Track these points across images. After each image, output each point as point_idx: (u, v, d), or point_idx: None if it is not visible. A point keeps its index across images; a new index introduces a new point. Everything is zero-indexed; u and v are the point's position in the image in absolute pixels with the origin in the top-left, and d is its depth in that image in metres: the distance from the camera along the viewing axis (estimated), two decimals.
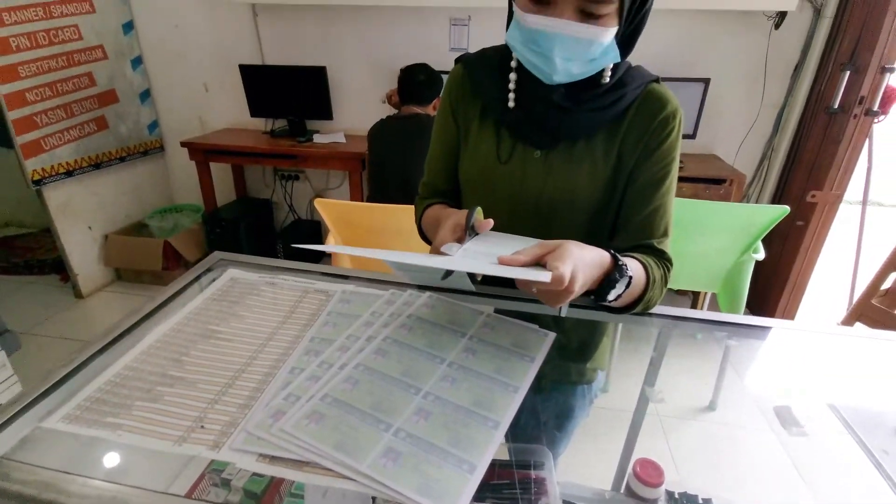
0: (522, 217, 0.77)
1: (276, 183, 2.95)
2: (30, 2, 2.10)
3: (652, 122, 0.71)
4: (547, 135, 0.73)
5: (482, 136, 0.78)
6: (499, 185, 0.77)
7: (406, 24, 2.43)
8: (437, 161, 0.85)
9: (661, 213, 0.73)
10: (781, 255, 2.37)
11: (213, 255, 0.82)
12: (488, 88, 0.75)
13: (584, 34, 0.60)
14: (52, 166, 2.27)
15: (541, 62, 0.64)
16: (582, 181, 0.74)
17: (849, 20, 2.04)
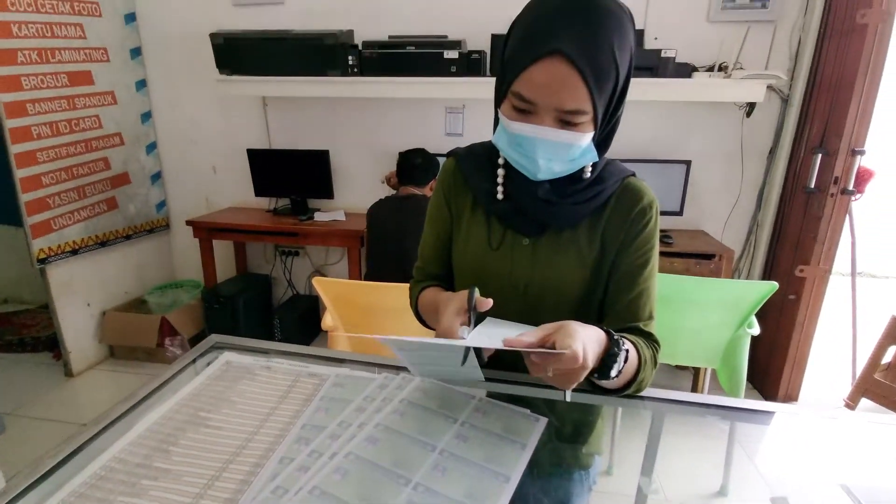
0: (512, 301, 0.80)
1: (277, 259, 3.00)
2: (55, 94, 2.26)
3: (630, 213, 0.77)
4: (534, 224, 0.78)
5: (474, 225, 0.83)
6: (490, 271, 0.81)
7: (404, 112, 2.61)
8: (431, 247, 0.90)
9: (646, 297, 0.77)
10: (778, 329, 2.37)
11: (210, 338, 0.83)
12: (478, 181, 0.81)
13: (564, 139, 0.66)
14: (58, 245, 2.33)
15: (526, 162, 0.70)
16: (568, 268, 0.78)
17: (815, 108, 2.20)
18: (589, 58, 0.61)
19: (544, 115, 0.66)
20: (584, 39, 0.61)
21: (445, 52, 2.19)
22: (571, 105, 0.64)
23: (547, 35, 0.62)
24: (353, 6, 2.48)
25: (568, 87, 0.62)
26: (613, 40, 0.62)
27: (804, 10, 2.20)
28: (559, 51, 0.61)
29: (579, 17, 0.61)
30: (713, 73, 2.15)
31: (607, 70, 0.63)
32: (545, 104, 0.65)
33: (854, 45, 1.98)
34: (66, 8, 2.29)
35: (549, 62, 0.62)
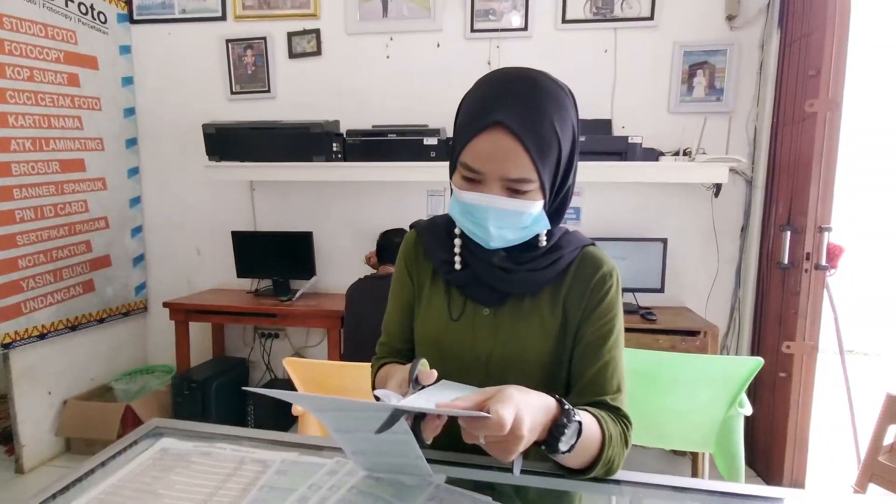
0: (474, 374, 0.77)
1: (256, 341, 2.92)
2: (45, 180, 2.32)
3: (590, 281, 0.76)
4: (494, 293, 0.77)
5: (434, 296, 0.82)
6: (451, 343, 0.79)
7: (387, 195, 2.69)
8: (395, 321, 0.88)
9: (612, 368, 0.74)
10: (774, 410, 2.28)
11: (150, 422, 0.77)
12: (437, 252, 0.81)
13: (513, 206, 0.68)
14: (26, 329, 2.25)
15: (478, 230, 0.71)
16: (531, 338, 0.76)
17: (778, 188, 2.31)
18: (529, 129, 0.64)
19: (492, 184, 0.68)
20: (524, 113, 0.64)
21: (425, 138, 2.31)
22: (516, 174, 0.66)
23: (490, 109, 0.65)
24: (341, 99, 2.65)
25: (511, 156, 0.65)
26: (553, 115, 0.66)
27: (756, 102, 2.39)
28: (501, 122, 0.64)
29: (520, 94, 0.66)
30: (678, 157, 2.28)
31: (549, 141, 0.66)
32: (491, 173, 0.67)
33: (806, 131, 2.12)
34: (68, 102, 2.43)
35: (492, 133, 0.65)
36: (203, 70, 2.76)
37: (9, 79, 2.13)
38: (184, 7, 2.73)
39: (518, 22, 2.50)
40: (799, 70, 2.18)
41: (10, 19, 2.12)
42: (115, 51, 2.68)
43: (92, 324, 2.59)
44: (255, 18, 2.69)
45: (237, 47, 2.71)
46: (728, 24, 2.37)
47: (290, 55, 2.69)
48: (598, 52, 2.47)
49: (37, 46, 2.25)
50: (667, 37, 2.42)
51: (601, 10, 2.45)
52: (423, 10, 2.57)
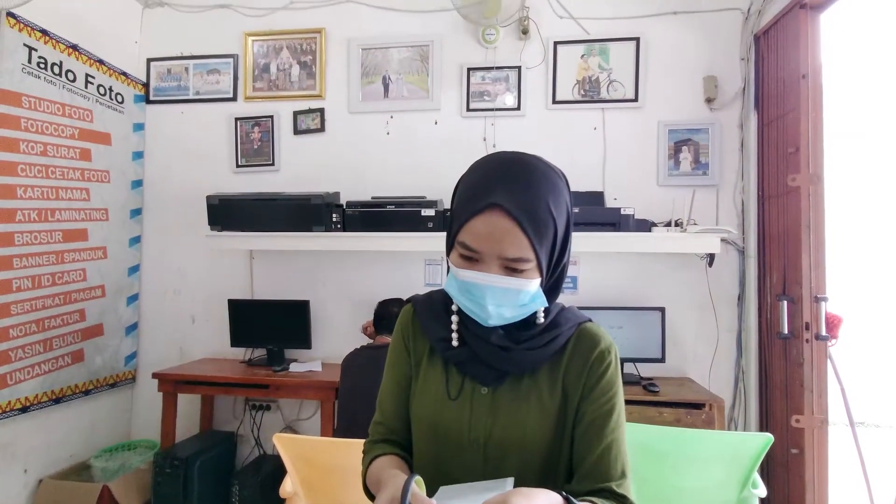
0: (472, 458, 0.74)
1: (246, 414, 2.81)
2: (46, 250, 2.34)
3: (588, 358, 0.75)
4: (492, 372, 0.75)
5: (431, 374, 0.80)
6: (448, 423, 0.76)
7: (385, 264, 2.72)
8: (390, 399, 0.85)
9: (615, 451, 0.72)
10: (790, 490, 2.17)
11: None
12: (434, 329, 0.80)
13: (511, 285, 0.69)
14: (8, 402, 2.17)
15: (476, 308, 0.71)
16: (530, 417, 0.73)
17: (770, 258, 2.34)
18: (525, 210, 0.66)
19: (490, 263, 0.69)
20: (520, 195, 0.67)
21: (423, 210, 2.37)
22: (513, 253, 0.67)
23: (487, 191, 0.68)
24: (342, 173, 2.75)
25: (509, 237, 0.67)
26: (548, 197, 0.68)
27: (741, 176, 2.49)
28: (498, 205, 0.66)
29: (515, 176, 0.69)
30: (670, 227, 2.33)
31: (545, 222, 0.68)
32: (489, 253, 0.68)
33: (792, 203, 2.19)
34: (77, 175, 2.51)
35: (490, 215, 0.67)
36: (211, 145, 2.89)
37: (22, 153, 2.22)
38: (198, 89, 2.91)
39: (511, 102, 2.66)
40: (779, 147, 2.29)
41: (30, 98, 2.24)
42: (129, 128, 2.82)
43: (77, 396, 2.51)
44: (264, 99, 2.86)
45: (245, 124, 2.86)
46: (707, 105, 2.52)
47: (295, 132, 2.83)
48: (588, 130, 2.61)
49: (52, 124, 2.36)
50: (651, 116, 2.57)
51: (588, 92, 2.62)
52: (421, 91, 2.74)
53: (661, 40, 2.57)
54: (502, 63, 2.66)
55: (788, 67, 2.21)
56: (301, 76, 2.83)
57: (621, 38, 2.59)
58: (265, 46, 2.86)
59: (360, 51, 2.78)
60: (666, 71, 2.56)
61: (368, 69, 2.78)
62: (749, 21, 2.47)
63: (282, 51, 2.85)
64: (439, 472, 0.76)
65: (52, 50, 2.35)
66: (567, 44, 2.63)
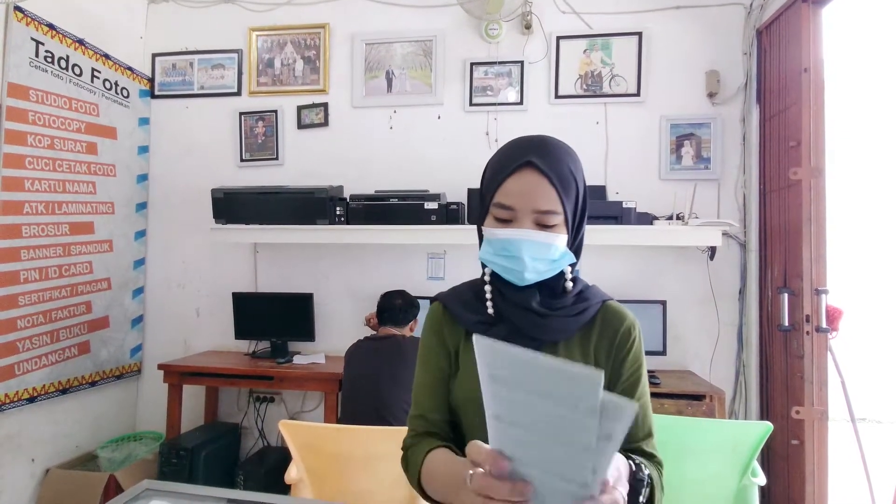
0: None
1: (250, 406, 2.83)
2: (53, 242, 2.36)
3: (616, 333, 0.81)
4: (528, 343, 0.77)
5: (469, 358, 0.82)
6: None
7: (388, 257, 2.73)
8: (426, 392, 0.85)
9: (643, 415, 0.80)
10: (790, 481, 2.18)
11: (141, 483, 0.75)
12: (466, 315, 0.83)
13: (543, 239, 0.75)
14: (16, 392, 2.20)
15: (513, 264, 0.76)
16: None
17: (772, 252, 2.35)
18: (553, 168, 0.75)
19: (524, 220, 0.75)
20: (546, 157, 0.75)
21: (426, 203, 2.39)
22: (546, 206, 0.74)
23: (519, 155, 0.76)
24: (345, 167, 2.77)
25: (541, 190, 0.74)
26: (569, 161, 0.77)
27: (742, 170, 2.50)
28: (530, 162, 0.74)
29: (540, 145, 0.77)
30: (672, 221, 2.34)
31: (569, 179, 0.76)
32: (523, 208, 0.75)
33: (793, 197, 2.20)
34: (84, 168, 2.53)
35: (523, 173, 0.75)
36: (216, 139, 2.91)
37: (29, 146, 2.24)
38: (202, 84, 2.93)
39: (514, 97, 2.68)
40: (780, 141, 2.30)
41: (37, 92, 2.27)
42: (134, 122, 2.84)
43: (84, 387, 2.53)
44: (268, 94, 2.88)
45: (249, 119, 2.87)
46: (710, 100, 2.53)
47: (299, 126, 2.84)
48: (591, 124, 2.63)
49: (59, 117, 2.38)
50: (653, 111, 2.58)
51: (591, 86, 2.63)
52: (425, 87, 2.75)
53: (663, 35, 2.58)
54: (505, 58, 2.68)
55: (790, 62, 2.22)
56: (305, 71, 2.85)
57: (624, 33, 2.60)
58: (269, 41, 2.88)
59: (363, 46, 2.80)
60: (668, 66, 2.57)
61: (372, 64, 2.80)
62: (751, 15, 2.47)
63: (286, 46, 2.86)
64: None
65: (59, 44, 2.37)
66: (570, 38, 2.64)
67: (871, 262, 3.80)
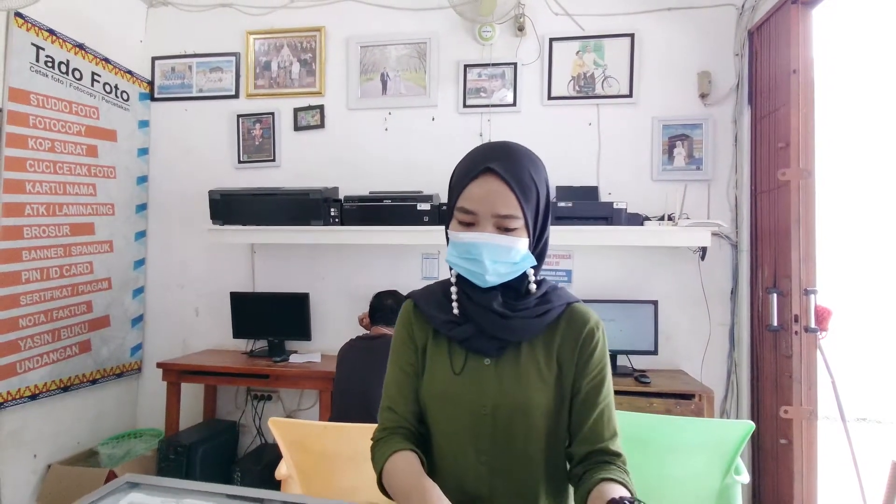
0: (482, 427, 0.82)
1: (248, 404, 2.88)
2: (53, 243, 2.41)
3: (580, 335, 0.83)
4: (493, 343, 0.82)
5: (437, 356, 0.87)
6: (457, 397, 0.83)
7: (383, 258, 2.77)
8: (395, 386, 0.89)
9: (607, 415, 0.82)
10: (779, 480, 2.20)
11: (123, 476, 0.78)
12: (436, 314, 0.86)
13: (504, 242, 0.78)
14: (18, 390, 2.25)
15: (475, 266, 0.79)
16: (531, 384, 0.81)
17: (762, 252, 2.37)
18: (513, 174, 0.78)
19: (485, 224, 0.78)
20: (507, 163, 0.79)
21: (419, 204, 2.42)
22: (505, 210, 0.77)
23: (480, 162, 0.79)
24: (341, 168, 2.81)
25: (501, 195, 0.77)
26: (530, 167, 0.80)
27: (734, 171, 2.51)
28: (490, 168, 0.78)
29: (502, 152, 0.81)
30: (662, 221, 2.36)
31: (529, 185, 0.79)
32: (484, 212, 0.78)
33: (783, 198, 2.21)
34: (84, 171, 2.58)
35: (484, 178, 0.78)
36: (213, 142, 2.95)
37: (30, 149, 2.29)
38: (201, 87, 2.97)
39: (507, 98, 2.70)
40: (770, 142, 2.31)
41: (38, 96, 2.32)
42: (134, 125, 2.89)
43: (84, 385, 2.59)
44: (265, 96, 2.92)
45: (247, 121, 2.92)
46: (702, 101, 2.54)
47: (296, 128, 2.88)
48: (583, 126, 2.64)
49: (60, 121, 2.43)
50: (646, 112, 2.59)
51: (584, 88, 2.65)
52: (419, 88, 2.78)
53: (655, 36, 2.59)
54: (498, 60, 2.70)
55: (780, 63, 2.23)
56: (301, 73, 2.89)
57: (616, 35, 2.62)
58: (266, 44, 2.92)
59: (358, 48, 2.83)
60: (660, 67, 2.59)
61: (367, 66, 2.83)
62: (743, 16, 2.48)
63: (282, 49, 2.90)
64: (456, 444, 0.84)
65: (59, 49, 2.42)
66: (562, 40, 2.66)
67: (861, 263, 3.79)
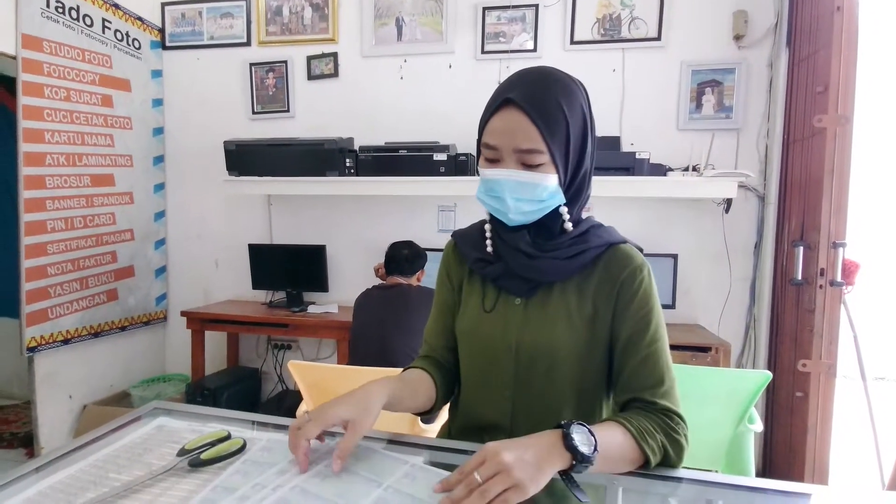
0: (505, 362, 0.81)
1: (269, 352, 2.97)
2: (76, 193, 2.45)
3: (620, 275, 0.78)
4: (522, 282, 0.81)
5: (471, 293, 0.87)
6: (483, 334, 0.83)
7: (399, 210, 2.75)
8: (432, 320, 0.94)
9: (652, 363, 0.75)
10: (792, 432, 2.20)
11: (151, 403, 0.81)
12: (471, 252, 0.87)
13: (527, 178, 0.74)
14: (51, 335, 2.35)
15: (498, 204, 0.77)
16: (558, 325, 0.79)
17: (790, 204, 2.28)
18: (534, 104, 0.71)
19: (508, 160, 0.74)
20: (531, 92, 0.72)
21: (435, 154, 2.37)
22: (526, 144, 0.72)
23: (502, 93, 0.74)
24: (355, 118, 2.75)
25: (521, 128, 0.72)
26: (559, 94, 0.73)
27: (766, 119, 2.38)
28: (510, 100, 0.72)
29: (528, 80, 0.75)
30: (687, 172, 2.28)
31: (555, 116, 0.72)
32: (505, 147, 0.73)
33: (817, 147, 2.10)
34: (101, 121, 2.58)
35: (504, 111, 0.73)
36: (227, 92, 2.91)
37: (47, 98, 2.29)
38: (212, 34, 2.90)
39: (528, 44, 2.58)
40: (808, 87, 2.18)
41: (51, 43, 2.29)
42: (147, 75, 2.86)
43: (114, 331, 2.69)
44: (278, 44, 2.84)
45: (260, 70, 2.86)
46: (736, 43, 2.39)
47: (309, 77, 2.82)
48: (607, 72, 2.52)
49: (74, 69, 2.41)
50: (674, 57, 2.46)
51: (609, 31, 2.51)
52: (435, 34, 2.67)
53: None
54: (519, 1, 2.56)
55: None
56: (314, 19, 2.79)
57: None
58: None
59: None
60: (693, 6, 2.42)
61: (381, 11, 2.72)
62: None
63: None
64: (481, 378, 0.85)
65: None
66: None
67: (893, 215, 3.64)
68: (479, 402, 0.85)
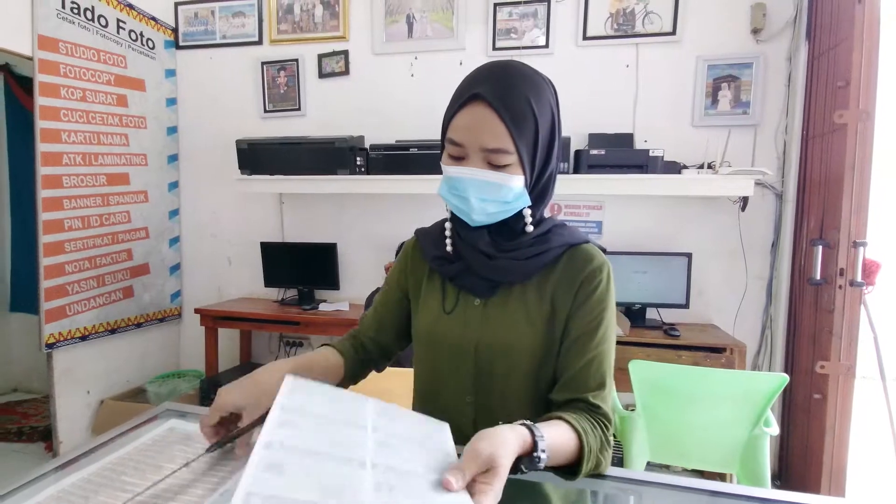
0: (464, 363, 0.79)
1: (281, 349, 3.00)
2: (92, 192, 2.49)
3: (579, 275, 0.77)
4: (482, 282, 0.79)
5: (430, 293, 0.85)
6: (443, 333, 0.81)
7: (408, 207, 2.75)
8: (373, 311, 0.93)
9: (597, 365, 0.74)
10: (809, 434, 2.16)
11: (163, 405, 0.82)
12: (431, 249, 0.85)
13: (493, 178, 0.71)
14: (69, 331, 2.40)
15: (462, 203, 0.74)
16: (516, 326, 0.77)
17: (809, 202, 2.23)
18: (504, 102, 0.68)
19: (474, 158, 0.71)
20: (500, 89, 0.69)
21: None
22: (493, 144, 0.69)
23: (469, 88, 0.71)
24: (366, 116, 2.75)
25: (489, 126, 0.69)
26: (528, 92, 0.70)
27: (785, 114, 2.33)
28: (478, 95, 0.69)
29: (497, 75, 0.71)
30: (702, 170, 2.24)
31: (523, 114, 0.69)
32: (471, 145, 0.70)
33: (837, 142, 2.05)
34: (116, 121, 2.61)
35: (471, 107, 0.70)
36: (239, 91, 2.93)
37: (63, 98, 2.32)
38: (224, 33, 2.92)
39: (539, 40, 2.55)
40: (828, 81, 2.12)
41: (66, 44, 2.32)
42: (161, 74, 2.88)
43: (130, 328, 2.73)
44: (289, 42, 2.85)
45: (271, 69, 2.87)
46: (753, 37, 2.34)
47: (320, 75, 2.82)
48: (620, 68, 2.49)
49: (89, 70, 2.44)
50: (690, 51, 2.41)
51: (622, 26, 2.47)
52: (446, 31, 2.65)
53: None
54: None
55: None
56: (325, 16, 2.79)
57: None
58: None
59: None
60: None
61: (392, 7, 2.71)
62: None
63: None
64: (440, 380, 0.83)
65: None
66: None
67: None
68: (442, 409, 0.80)
